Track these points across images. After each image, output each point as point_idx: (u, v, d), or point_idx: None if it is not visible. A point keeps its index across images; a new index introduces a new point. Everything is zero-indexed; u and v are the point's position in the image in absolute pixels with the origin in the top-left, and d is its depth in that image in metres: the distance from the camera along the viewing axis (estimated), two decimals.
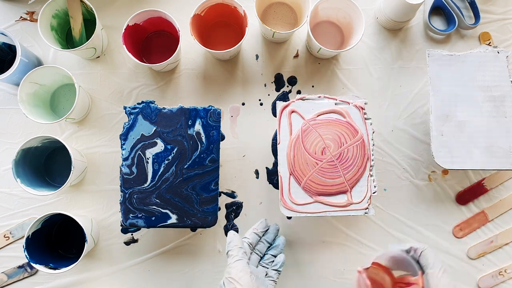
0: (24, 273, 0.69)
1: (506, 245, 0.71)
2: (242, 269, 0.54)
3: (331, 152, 0.63)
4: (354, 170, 0.62)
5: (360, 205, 0.62)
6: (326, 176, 0.62)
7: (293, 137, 0.63)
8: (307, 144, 0.63)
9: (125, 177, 0.61)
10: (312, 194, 0.62)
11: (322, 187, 0.62)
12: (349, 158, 0.62)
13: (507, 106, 0.64)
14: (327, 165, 0.62)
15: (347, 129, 0.63)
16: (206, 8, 0.67)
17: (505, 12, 0.75)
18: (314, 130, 0.63)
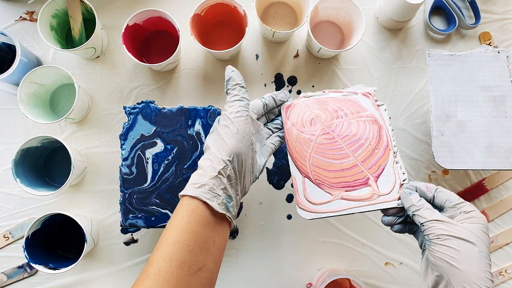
0: (24, 273, 0.69)
1: (507, 245, 0.71)
2: (239, 110, 0.49)
3: (323, 123, 0.55)
4: (367, 150, 0.54)
5: (391, 195, 0.52)
6: (327, 155, 0.54)
7: (287, 127, 0.57)
8: (292, 118, 0.56)
9: (125, 177, 0.61)
10: (328, 187, 0.54)
11: (332, 174, 0.54)
12: (353, 133, 0.55)
13: (507, 106, 0.64)
14: (325, 140, 0.55)
15: (349, 105, 0.57)
16: (206, 8, 0.67)
17: (505, 12, 0.75)
18: (301, 104, 0.57)
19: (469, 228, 0.42)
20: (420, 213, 0.45)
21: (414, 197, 0.48)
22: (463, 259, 0.40)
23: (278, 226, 0.70)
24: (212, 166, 0.46)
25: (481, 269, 0.40)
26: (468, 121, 0.64)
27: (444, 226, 0.43)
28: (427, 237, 0.44)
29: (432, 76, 0.65)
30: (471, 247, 0.41)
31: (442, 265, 0.41)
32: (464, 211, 0.44)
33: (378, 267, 0.70)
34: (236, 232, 0.70)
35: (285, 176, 0.71)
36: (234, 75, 0.51)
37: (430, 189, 0.48)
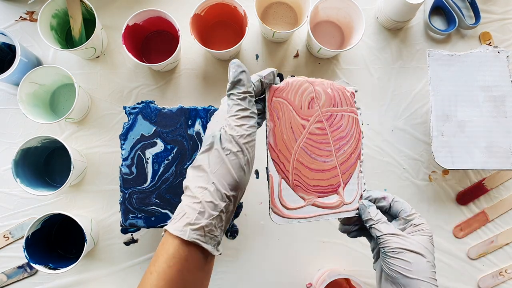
0: (24, 273, 0.69)
1: (507, 245, 0.71)
2: (251, 133, 0.42)
3: (320, 107, 0.52)
4: (347, 152, 0.53)
5: (351, 205, 0.54)
6: (314, 150, 0.51)
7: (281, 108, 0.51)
8: (290, 94, 0.50)
9: (125, 177, 0.61)
10: (303, 191, 0.52)
11: (312, 174, 0.52)
12: (342, 128, 0.53)
13: (507, 106, 0.64)
14: (317, 130, 0.52)
15: (342, 95, 0.54)
16: (206, 8, 0.67)
17: (505, 12, 0.75)
18: (301, 78, 0.52)
19: (418, 241, 0.46)
20: (377, 226, 0.48)
21: (372, 210, 0.50)
22: (414, 270, 0.44)
23: (278, 226, 0.70)
24: (213, 202, 0.40)
25: (428, 277, 0.45)
26: (468, 121, 0.64)
27: (398, 240, 0.46)
28: (382, 249, 0.47)
29: (432, 76, 0.65)
30: (421, 258, 0.45)
31: (396, 276, 0.45)
32: (414, 224, 0.48)
33: None
34: (236, 232, 0.70)
35: None
36: (245, 78, 0.43)
37: (387, 199, 0.50)
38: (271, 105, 0.50)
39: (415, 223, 0.48)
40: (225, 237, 0.70)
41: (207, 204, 0.39)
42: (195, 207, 0.39)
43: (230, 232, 0.70)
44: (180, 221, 0.39)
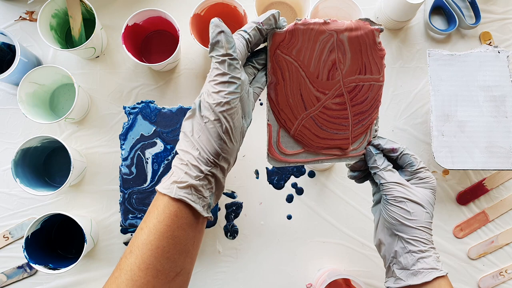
0: (24, 274, 0.69)
1: (507, 246, 0.71)
2: (228, 100, 0.39)
3: (343, 76, 0.45)
4: (366, 125, 0.49)
5: (358, 150, 0.50)
6: (327, 124, 0.47)
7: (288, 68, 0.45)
8: (304, 53, 0.44)
9: (125, 177, 0.61)
10: (305, 145, 0.49)
11: (319, 140, 0.48)
12: (366, 102, 0.48)
13: (507, 106, 0.64)
14: (334, 106, 0.46)
15: (372, 54, 0.46)
16: (206, 8, 0.66)
17: (505, 12, 0.75)
18: (316, 25, 0.43)
19: (421, 192, 0.48)
20: (381, 174, 0.48)
21: (378, 158, 0.49)
22: (412, 219, 0.46)
23: (278, 226, 0.70)
24: (197, 166, 0.39)
25: (424, 226, 0.47)
26: (468, 121, 0.64)
27: (401, 189, 0.47)
28: (385, 196, 0.48)
29: (432, 76, 0.65)
30: (421, 208, 0.47)
31: (394, 223, 0.47)
32: (420, 177, 0.49)
33: (378, 267, 0.70)
34: (236, 232, 0.70)
35: (285, 176, 0.71)
36: (223, 39, 0.38)
37: (396, 151, 0.49)
38: (275, 58, 0.45)
39: (421, 176, 0.49)
40: (225, 237, 0.70)
41: (193, 167, 0.39)
42: (182, 168, 0.39)
43: (230, 232, 0.70)
44: (168, 180, 0.40)
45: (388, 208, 0.48)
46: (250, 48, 0.43)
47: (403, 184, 0.48)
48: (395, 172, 0.49)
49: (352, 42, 0.45)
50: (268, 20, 0.43)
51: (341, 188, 0.71)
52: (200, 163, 0.39)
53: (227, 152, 0.40)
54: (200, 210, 0.39)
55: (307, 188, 0.71)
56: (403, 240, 0.47)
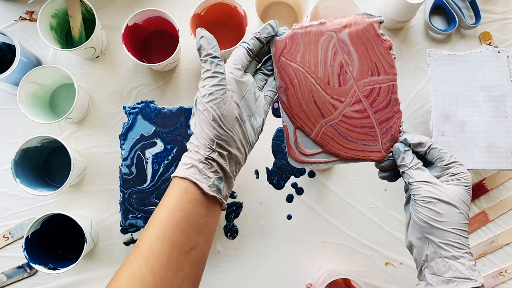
0: (24, 274, 0.69)
1: (507, 245, 0.71)
2: (212, 92, 0.43)
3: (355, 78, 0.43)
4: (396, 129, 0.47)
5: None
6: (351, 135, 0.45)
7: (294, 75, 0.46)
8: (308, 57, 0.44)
9: (125, 177, 0.61)
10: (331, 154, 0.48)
11: (345, 150, 0.47)
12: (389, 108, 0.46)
13: (507, 106, 0.64)
14: (354, 113, 0.44)
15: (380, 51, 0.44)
16: (206, 8, 0.66)
17: (505, 12, 0.75)
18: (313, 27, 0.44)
19: (454, 191, 0.44)
20: (409, 172, 0.46)
21: (407, 156, 0.47)
22: (444, 221, 0.43)
23: (278, 226, 0.70)
24: (199, 152, 0.44)
25: (458, 228, 0.43)
26: (468, 121, 0.64)
27: (430, 188, 0.44)
28: (413, 196, 0.46)
29: (432, 76, 0.65)
30: (453, 209, 0.43)
31: (424, 225, 0.44)
32: (451, 173, 0.46)
33: (378, 267, 0.70)
34: (236, 232, 0.70)
35: (285, 176, 0.71)
36: (204, 43, 0.44)
37: (423, 145, 0.47)
38: (280, 65, 0.46)
39: (452, 172, 0.45)
40: (225, 237, 0.70)
41: (195, 153, 0.44)
42: (187, 155, 0.45)
43: (230, 232, 0.70)
44: (179, 166, 0.45)
45: (416, 209, 0.45)
46: (254, 56, 0.48)
47: (432, 182, 0.45)
48: (424, 170, 0.46)
49: (354, 40, 0.45)
50: (264, 29, 0.47)
51: (341, 188, 0.71)
52: (199, 149, 0.44)
53: (219, 138, 0.44)
54: (204, 188, 0.43)
55: (307, 188, 0.71)
56: (434, 244, 0.44)
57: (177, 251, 0.42)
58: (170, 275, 0.41)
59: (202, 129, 0.44)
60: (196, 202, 0.43)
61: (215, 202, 0.45)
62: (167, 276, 0.41)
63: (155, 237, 0.42)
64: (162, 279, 0.40)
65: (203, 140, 0.44)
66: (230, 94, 0.44)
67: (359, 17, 0.45)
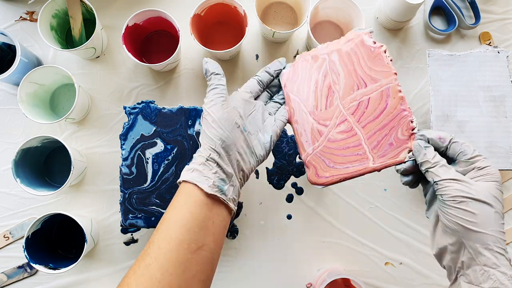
0: (24, 273, 0.69)
1: (507, 245, 0.71)
2: (213, 99, 0.49)
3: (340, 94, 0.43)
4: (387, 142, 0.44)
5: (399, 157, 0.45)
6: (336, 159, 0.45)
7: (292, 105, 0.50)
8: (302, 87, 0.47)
9: (125, 177, 0.61)
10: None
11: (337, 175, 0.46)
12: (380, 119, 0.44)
13: (507, 106, 0.64)
14: (339, 134, 0.44)
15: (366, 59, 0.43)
16: (206, 8, 0.67)
17: (505, 12, 0.75)
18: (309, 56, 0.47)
19: (484, 188, 0.40)
20: (434, 170, 0.42)
21: (429, 152, 0.43)
22: (479, 222, 0.39)
23: (278, 226, 0.70)
24: (200, 155, 0.48)
25: (497, 230, 0.39)
26: (468, 121, 0.64)
27: (459, 186, 0.40)
28: (440, 197, 0.41)
29: (432, 76, 0.65)
30: (488, 208, 0.39)
31: (458, 229, 0.40)
32: (478, 167, 0.42)
33: (378, 267, 0.70)
34: (236, 232, 0.70)
35: (285, 176, 0.71)
36: (208, 66, 0.51)
37: (443, 140, 0.44)
38: (285, 94, 0.52)
39: (479, 166, 0.42)
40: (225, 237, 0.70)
41: (198, 157, 0.48)
42: (192, 161, 0.49)
43: (230, 232, 0.70)
44: (183, 172, 0.48)
45: (446, 211, 0.41)
46: (265, 86, 0.54)
47: (462, 180, 0.40)
48: (450, 168, 0.42)
49: (343, 57, 0.45)
50: (273, 64, 0.54)
51: (341, 188, 0.71)
52: (201, 152, 0.48)
53: (219, 138, 0.48)
54: (204, 188, 0.45)
55: (307, 188, 0.71)
56: (471, 250, 0.39)
57: (185, 249, 0.43)
58: (178, 273, 0.42)
59: (204, 132, 0.49)
60: (201, 203, 0.46)
61: (219, 203, 0.47)
62: (175, 273, 0.42)
63: (163, 237, 0.44)
64: (170, 276, 0.41)
65: (205, 143, 0.48)
66: (233, 105, 0.50)
67: (353, 33, 0.45)
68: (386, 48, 0.45)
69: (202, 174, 0.46)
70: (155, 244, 0.43)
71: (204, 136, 0.49)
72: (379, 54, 0.44)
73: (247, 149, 0.50)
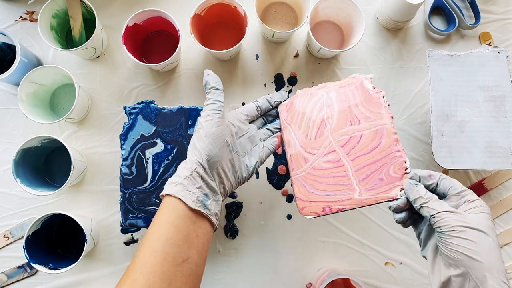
0: (24, 273, 0.69)
1: (506, 245, 0.71)
2: (209, 114, 0.50)
3: (332, 130, 0.45)
4: (375, 177, 0.46)
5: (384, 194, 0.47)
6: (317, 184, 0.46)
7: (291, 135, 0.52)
8: (296, 118, 0.49)
9: (125, 177, 0.61)
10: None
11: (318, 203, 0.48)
12: (372, 155, 0.46)
13: (507, 106, 0.64)
14: (326, 164, 0.46)
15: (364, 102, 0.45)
16: (206, 8, 0.67)
17: (505, 12, 0.75)
18: (304, 95, 0.50)
19: (478, 218, 0.41)
20: (429, 205, 0.43)
21: (420, 189, 0.45)
22: (481, 251, 0.39)
23: (278, 226, 0.70)
24: (185, 167, 0.49)
25: (499, 259, 0.40)
26: (468, 121, 0.64)
27: (457, 217, 0.41)
28: (439, 229, 0.42)
29: (432, 76, 0.65)
30: (486, 237, 0.40)
31: (461, 258, 0.40)
32: (468, 200, 0.43)
33: (378, 267, 0.70)
34: (236, 232, 0.70)
35: (285, 176, 0.71)
36: (209, 79, 0.52)
37: (433, 177, 0.45)
38: (281, 120, 0.54)
39: (469, 199, 0.43)
40: (225, 237, 0.70)
41: (182, 170, 0.49)
42: (176, 173, 0.50)
43: (230, 232, 0.70)
44: (166, 186, 0.50)
45: (447, 241, 0.41)
46: (262, 112, 0.57)
47: (456, 212, 0.42)
48: (443, 202, 0.43)
49: (340, 96, 0.48)
50: (275, 95, 0.57)
51: None
52: (187, 164, 0.49)
53: (208, 153, 0.49)
54: (187, 202, 0.47)
55: None
56: (476, 280, 0.39)
57: (170, 262, 0.44)
58: (164, 286, 0.43)
59: (194, 144, 0.50)
60: (185, 217, 0.47)
61: (202, 217, 0.49)
62: (162, 287, 0.43)
63: (149, 251, 0.45)
64: None
65: (193, 156, 0.49)
66: (227, 123, 0.51)
67: (353, 77, 0.49)
68: (384, 94, 0.47)
69: (186, 188, 0.48)
70: (141, 259, 0.44)
71: (192, 149, 0.50)
72: (378, 99, 0.46)
73: (231, 168, 0.52)
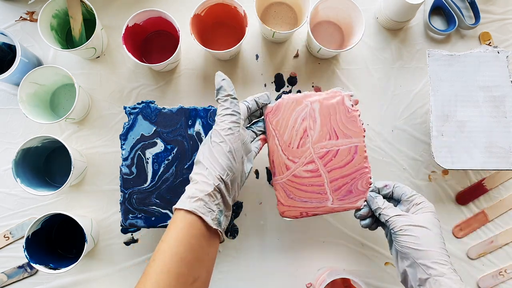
0: (24, 273, 0.69)
1: (506, 245, 0.71)
2: (231, 127, 0.49)
3: (313, 141, 0.51)
4: (346, 189, 0.55)
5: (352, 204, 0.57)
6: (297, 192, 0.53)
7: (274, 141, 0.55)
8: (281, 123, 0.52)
9: (125, 177, 0.61)
10: None
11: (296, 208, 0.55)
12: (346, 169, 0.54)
13: (507, 106, 0.64)
14: (306, 173, 0.52)
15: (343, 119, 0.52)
16: (206, 8, 0.67)
17: (505, 12, 0.75)
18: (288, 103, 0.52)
19: (423, 217, 0.52)
20: (384, 212, 0.53)
21: (379, 200, 0.55)
22: (422, 242, 0.49)
23: (278, 226, 0.70)
24: (207, 182, 0.47)
25: (438, 247, 0.49)
26: (468, 121, 0.64)
27: (403, 219, 0.51)
28: (392, 230, 0.52)
29: (432, 76, 0.65)
30: (427, 231, 0.50)
31: (408, 251, 0.50)
32: (415, 203, 0.53)
33: (378, 267, 0.70)
34: (236, 232, 0.70)
35: None
36: (225, 85, 0.51)
37: (388, 187, 0.56)
38: (266, 123, 0.55)
39: (416, 202, 0.53)
40: (225, 237, 0.70)
41: (202, 184, 0.47)
42: (194, 186, 0.48)
43: (230, 232, 0.70)
44: (182, 197, 0.48)
45: (398, 240, 0.51)
46: (250, 112, 0.56)
47: (404, 214, 0.52)
48: (396, 208, 0.54)
49: (323, 108, 0.52)
50: (262, 97, 0.56)
51: None
52: (208, 179, 0.47)
53: (230, 169, 0.48)
54: (208, 221, 0.46)
55: None
56: (423, 266, 0.48)
57: (182, 284, 0.44)
58: None
59: (216, 159, 0.48)
60: (200, 236, 0.46)
61: (215, 235, 0.48)
62: None
63: (161, 270, 0.43)
64: None
65: (215, 171, 0.48)
66: (240, 137, 0.51)
67: (335, 92, 0.53)
68: (360, 112, 0.54)
69: (207, 205, 0.46)
70: (153, 278, 0.43)
71: (214, 163, 0.48)
72: (355, 117, 0.52)
73: (240, 178, 0.52)
